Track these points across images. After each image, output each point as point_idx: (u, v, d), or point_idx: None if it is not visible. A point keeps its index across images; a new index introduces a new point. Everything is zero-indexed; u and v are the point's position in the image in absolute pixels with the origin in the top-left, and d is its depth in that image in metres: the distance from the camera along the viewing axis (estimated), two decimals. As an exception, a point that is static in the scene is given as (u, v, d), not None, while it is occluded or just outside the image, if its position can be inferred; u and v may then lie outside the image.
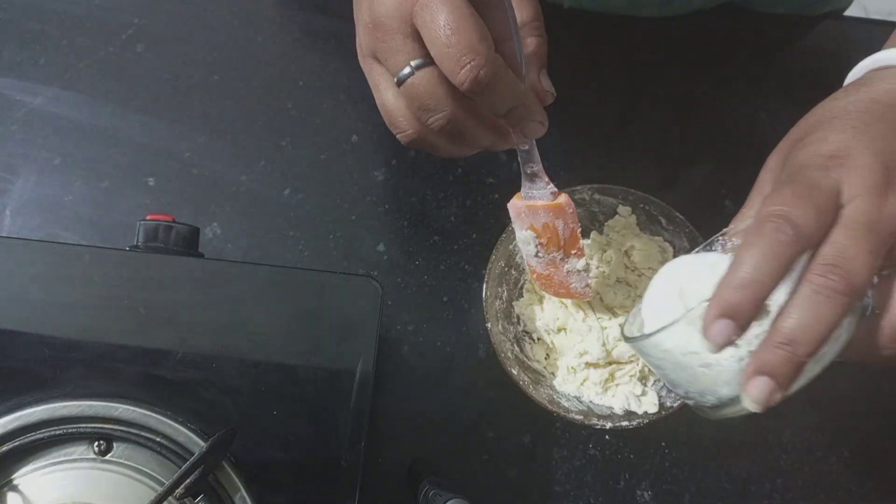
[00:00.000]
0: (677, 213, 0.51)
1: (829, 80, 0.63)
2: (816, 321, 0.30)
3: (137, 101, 0.58)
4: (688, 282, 0.38)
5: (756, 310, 0.31)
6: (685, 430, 0.54)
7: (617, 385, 0.50)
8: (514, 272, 0.53)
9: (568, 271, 0.47)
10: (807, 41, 0.63)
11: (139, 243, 0.43)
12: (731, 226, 0.40)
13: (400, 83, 0.35)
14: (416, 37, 0.34)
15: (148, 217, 0.44)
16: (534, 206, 0.44)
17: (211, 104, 0.58)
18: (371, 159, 0.58)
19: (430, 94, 0.35)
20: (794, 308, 0.31)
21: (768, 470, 0.54)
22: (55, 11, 0.59)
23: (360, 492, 0.40)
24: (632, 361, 0.50)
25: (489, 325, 0.49)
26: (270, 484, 0.40)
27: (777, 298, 0.32)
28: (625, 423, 0.48)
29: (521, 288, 0.53)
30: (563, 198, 0.43)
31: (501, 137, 0.39)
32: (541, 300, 0.52)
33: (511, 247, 0.52)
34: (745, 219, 0.40)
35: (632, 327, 0.40)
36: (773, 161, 0.40)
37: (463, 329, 0.55)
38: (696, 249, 0.41)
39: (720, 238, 0.40)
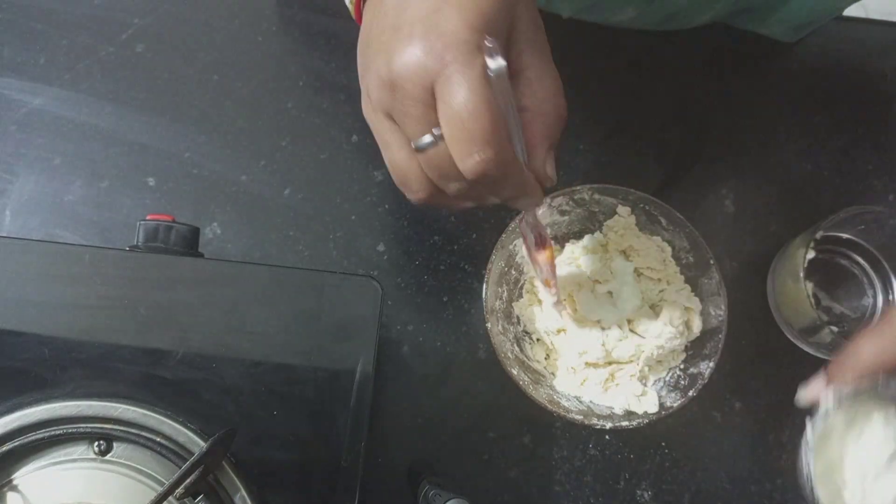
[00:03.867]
0: (677, 213, 0.51)
1: (829, 81, 0.63)
2: None
3: (137, 101, 0.58)
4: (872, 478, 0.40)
5: None
6: (685, 430, 0.54)
7: (617, 385, 0.51)
8: (514, 272, 0.53)
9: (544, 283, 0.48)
10: (807, 41, 0.63)
11: (139, 243, 0.43)
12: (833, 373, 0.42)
13: (419, 150, 0.34)
14: (435, 109, 0.32)
15: (148, 217, 0.44)
16: (526, 239, 0.45)
17: (211, 104, 0.58)
18: (371, 159, 0.58)
19: (450, 165, 0.33)
20: None
21: (768, 470, 0.54)
22: (55, 11, 0.59)
23: (360, 492, 0.40)
24: (632, 361, 0.50)
25: (489, 325, 0.49)
26: (270, 484, 0.40)
27: None
28: (625, 423, 0.48)
29: (521, 288, 0.53)
30: (544, 255, 0.45)
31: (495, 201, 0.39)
32: (540, 301, 0.52)
33: (511, 247, 0.52)
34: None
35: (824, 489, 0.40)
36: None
37: (463, 329, 0.55)
38: (841, 397, 0.41)
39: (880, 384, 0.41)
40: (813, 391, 0.43)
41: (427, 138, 0.33)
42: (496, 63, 0.32)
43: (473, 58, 0.31)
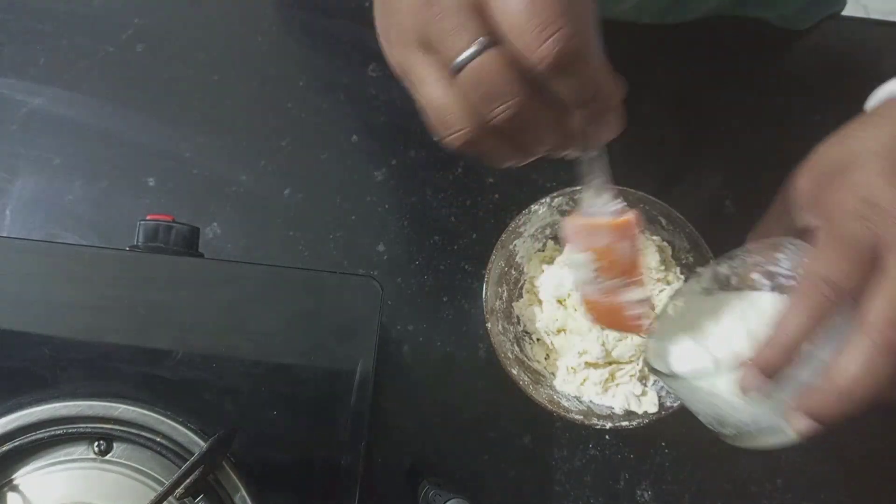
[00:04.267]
0: (677, 213, 0.51)
1: (829, 81, 0.63)
2: (873, 376, 0.32)
3: (137, 101, 0.58)
4: (709, 323, 0.40)
5: (789, 363, 0.34)
6: (685, 430, 0.54)
7: (617, 385, 0.51)
8: (514, 272, 0.53)
9: (626, 301, 0.39)
10: (807, 41, 0.63)
11: (139, 243, 0.43)
12: (750, 244, 0.42)
13: (459, 68, 0.30)
14: (480, 13, 0.29)
15: (148, 217, 0.44)
16: (596, 225, 0.37)
17: (211, 104, 0.58)
18: (371, 159, 0.58)
19: (497, 77, 0.29)
20: (852, 363, 0.32)
21: (768, 470, 0.54)
22: (55, 11, 0.59)
23: (360, 492, 0.40)
24: (632, 361, 0.50)
25: (489, 325, 0.49)
26: (270, 484, 0.40)
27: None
28: (625, 423, 0.48)
29: (521, 288, 0.53)
30: (632, 215, 0.37)
31: (566, 138, 0.33)
32: (540, 301, 0.52)
33: (511, 247, 0.52)
34: (762, 236, 0.42)
35: (655, 357, 0.41)
36: (801, 186, 0.40)
37: (463, 329, 0.55)
38: (710, 266, 0.42)
39: (740, 254, 0.41)
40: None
41: (470, 50, 0.29)
42: None
43: None
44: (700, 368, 0.38)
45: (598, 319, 0.42)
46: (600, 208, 0.36)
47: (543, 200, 0.51)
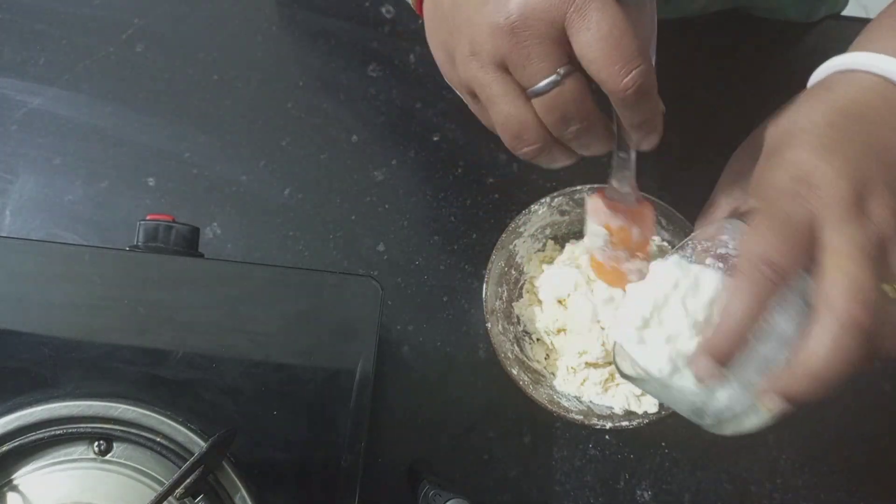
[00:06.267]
0: (677, 213, 0.51)
1: (829, 80, 0.63)
2: (843, 354, 0.32)
3: (137, 101, 0.58)
4: (668, 317, 0.40)
5: (741, 348, 0.33)
6: (685, 430, 0.54)
7: (617, 385, 0.50)
8: (514, 272, 0.53)
9: (627, 269, 0.47)
10: (807, 41, 0.63)
11: (139, 243, 0.43)
12: (698, 228, 0.42)
13: (542, 92, 0.33)
14: (563, 41, 0.32)
15: (148, 217, 0.44)
16: (615, 207, 0.43)
17: (211, 104, 0.58)
18: (371, 159, 0.58)
19: (574, 104, 0.34)
20: (820, 344, 0.32)
21: (768, 470, 0.54)
22: (55, 11, 0.59)
23: (360, 492, 0.40)
24: (632, 361, 0.50)
25: (489, 325, 0.49)
26: (270, 484, 0.40)
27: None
28: (625, 423, 0.48)
29: (521, 288, 0.53)
30: (648, 207, 0.44)
31: (610, 143, 0.39)
32: (540, 301, 0.52)
33: (511, 246, 0.52)
34: (710, 219, 0.42)
35: (622, 360, 0.41)
36: (738, 164, 0.41)
37: (463, 329, 0.55)
38: (669, 254, 0.41)
39: (690, 243, 0.41)
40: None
41: (552, 78, 0.33)
42: None
43: None
44: (663, 366, 0.37)
45: (599, 275, 0.48)
46: (623, 196, 0.42)
47: (543, 200, 0.51)
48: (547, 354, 0.52)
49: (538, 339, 0.53)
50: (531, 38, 0.32)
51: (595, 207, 0.44)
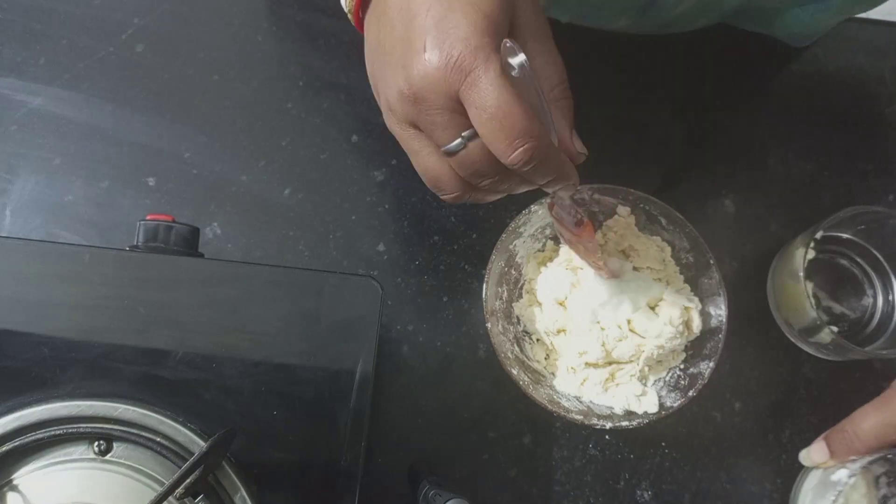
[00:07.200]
0: (677, 213, 0.51)
1: (829, 80, 0.63)
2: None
3: (137, 101, 0.58)
4: None
5: None
6: (685, 430, 0.54)
7: (617, 385, 0.51)
8: (514, 272, 0.53)
9: (587, 261, 0.50)
10: (807, 45, 0.63)
11: (139, 243, 0.43)
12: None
13: (450, 154, 0.35)
14: (462, 110, 0.34)
15: (148, 217, 0.44)
16: (562, 223, 0.46)
17: (211, 104, 0.58)
18: (371, 159, 0.58)
19: (483, 162, 0.35)
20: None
21: (768, 470, 0.54)
22: (55, 11, 0.59)
23: (360, 492, 0.40)
24: (632, 361, 0.50)
25: (489, 325, 0.49)
26: (270, 484, 0.40)
27: None
28: (625, 423, 0.48)
29: (521, 288, 0.53)
30: (587, 231, 0.46)
31: (530, 185, 0.40)
32: (540, 302, 0.52)
33: (511, 247, 0.52)
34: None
35: None
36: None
37: (463, 329, 0.55)
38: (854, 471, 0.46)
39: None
40: (815, 457, 0.49)
41: (457, 142, 0.35)
42: (518, 59, 0.33)
43: (489, 60, 0.32)
44: None
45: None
46: (566, 218, 0.45)
47: (543, 200, 0.51)
48: (547, 354, 0.52)
49: (538, 339, 0.53)
50: (432, 108, 0.34)
51: (552, 215, 0.46)
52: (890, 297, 0.56)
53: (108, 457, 0.38)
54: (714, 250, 0.51)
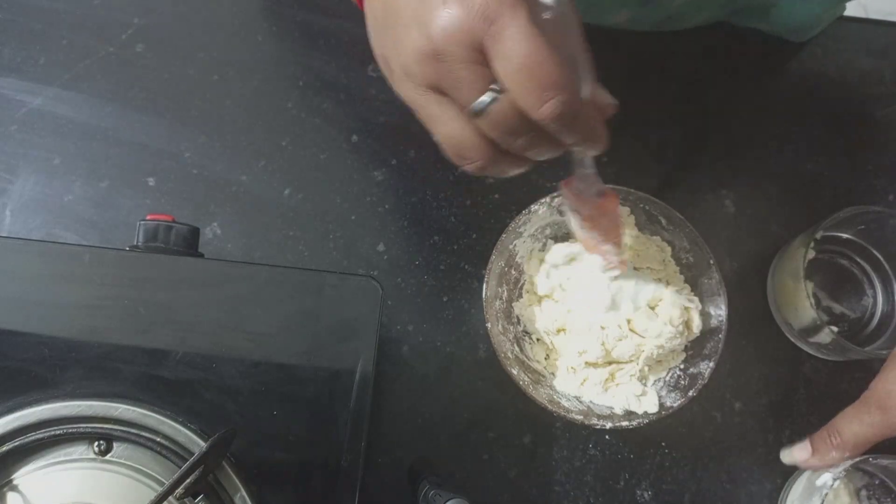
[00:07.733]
0: (677, 213, 0.51)
1: (829, 80, 0.63)
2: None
3: (137, 101, 0.58)
4: None
5: None
6: (685, 430, 0.54)
7: (617, 385, 0.51)
8: (514, 272, 0.53)
9: (601, 250, 0.48)
10: (807, 44, 0.63)
11: (139, 243, 0.43)
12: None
13: (479, 112, 0.32)
14: (487, 64, 0.31)
15: (148, 217, 0.44)
16: (580, 199, 0.44)
17: (211, 104, 0.58)
18: (371, 159, 0.58)
19: (514, 118, 0.32)
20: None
21: (768, 470, 0.54)
22: (55, 11, 0.59)
23: (360, 492, 0.40)
24: (632, 361, 0.50)
25: (489, 325, 0.49)
26: (270, 484, 0.40)
27: None
28: (625, 423, 0.48)
29: (521, 288, 0.53)
30: (612, 200, 0.45)
31: (562, 147, 0.37)
32: (539, 301, 0.52)
33: (511, 246, 0.52)
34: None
35: None
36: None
37: (463, 329, 0.55)
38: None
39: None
40: (797, 455, 0.50)
41: (486, 97, 0.32)
42: (554, 1, 0.31)
43: (516, 6, 0.30)
44: None
45: (585, 247, 0.50)
46: (586, 187, 0.43)
47: (543, 200, 0.51)
48: (547, 354, 0.52)
49: (538, 339, 0.53)
50: (456, 63, 0.31)
51: (566, 195, 0.45)
52: (890, 298, 0.56)
53: (108, 457, 0.38)
54: (714, 250, 0.51)
